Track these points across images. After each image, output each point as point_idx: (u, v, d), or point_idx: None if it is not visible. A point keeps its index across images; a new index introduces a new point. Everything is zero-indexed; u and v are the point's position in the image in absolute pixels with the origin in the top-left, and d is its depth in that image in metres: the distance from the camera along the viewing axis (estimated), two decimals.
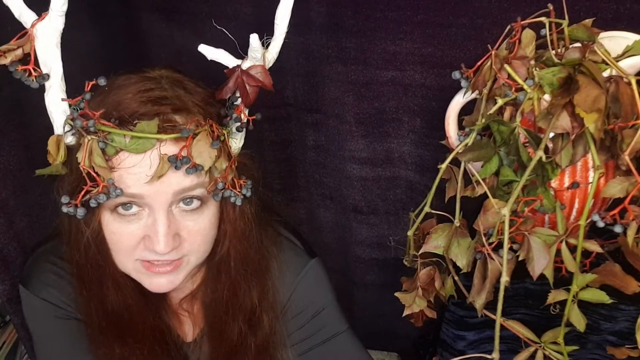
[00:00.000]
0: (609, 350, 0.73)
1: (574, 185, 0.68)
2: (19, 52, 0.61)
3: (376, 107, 0.94)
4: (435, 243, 0.70)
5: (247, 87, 0.67)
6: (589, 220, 0.63)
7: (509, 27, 0.67)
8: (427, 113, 0.90)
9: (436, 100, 0.88)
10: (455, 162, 0.70)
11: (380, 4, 0.84)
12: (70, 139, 0.65)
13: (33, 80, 0.62)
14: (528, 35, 0.65)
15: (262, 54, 0.67)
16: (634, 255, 0.61)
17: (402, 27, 0.84)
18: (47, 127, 0.81)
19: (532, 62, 0.65)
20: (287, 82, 0.98)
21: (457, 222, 0.69)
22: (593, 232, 0.67)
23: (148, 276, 0.70)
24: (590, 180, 0.67)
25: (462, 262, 0.68)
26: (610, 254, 0.69)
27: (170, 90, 0.68)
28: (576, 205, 0.70)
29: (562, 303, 0.64)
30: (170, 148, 0.64)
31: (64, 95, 0.64)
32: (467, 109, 0.72)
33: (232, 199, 0.69)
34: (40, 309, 0.79)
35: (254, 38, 0.65)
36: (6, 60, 0.61)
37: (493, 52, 0.65)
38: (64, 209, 0.65)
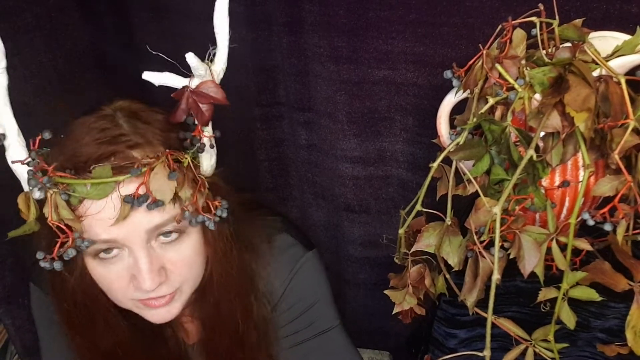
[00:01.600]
0: (599, 347, 0.73)
1: (565, 183, 0.68)
2: None
3: (368, 106, 0.94)
4: (427, 241, 0.70)
5: (201, 106, 0.64)
6: (579, 218, 0.63)
7: (500, 26, 0.67)
8: (419, 112, 0.91)
9: (428, 99, 0.89)
10: (447, 161, 0.70)
11: (372, 3, 0.84)
12: (37, 194, 0.63)
13: None
14: (519, 34, 0.66)
15: (205, 70, 0.63)
16: (623, 253, 0.61)
17: (394, 26, 0.84)
18: (39, 126, 0.81)
19: (523, 61, 0.65)
20: (279, 81, 0.98)
21: (448, 221, 0.70)
22: (583, 230, 0.67)
23: (148, 310, 0.70)
24: (581, 179, 0.67)
25: (454, 260, 0.69)
26: (600, 252, 0.69)
27: (127, 125, 0.66)
28: (566, 204, 0.70)
29: (553, 301, 0.65)
30: (132, 187, 0.62)
31: (24, 151, 0.62)
32: (459, 108, 0.73)
33: (207, 223, 0.67)
34: (49, 306, 0.78)
35: (189, 57, 0.61)
36: None
37: (484, 52, 0.66)
38: (41, 264, 0.63)
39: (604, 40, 0.67)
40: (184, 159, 0.66)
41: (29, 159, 0.62)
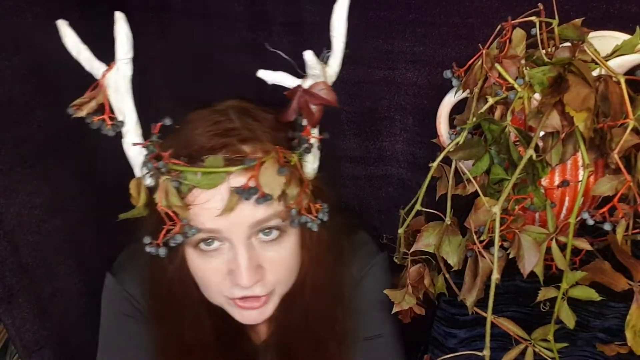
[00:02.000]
0: (598, 347, 0.73)
1: (564, 183, 0.68)
2: (93, 104, 0.63)
3: (368, 105, 0.94)
4: (427, 241, 0.70)
5: (311, 106, 0.65)
6: (578, 218, 0.63)
7: (499, 26, 0.67)
8: (418, 112, 0.91)
9: (428, 99, 0.88)
10: (447, 161, 0.70)
11: (372, 3, 0.84)
12: (149, 181, 0.66)
13: (109, 129, 0.63)
14: (518, 34, 0.66)
15: (320, 70, 0.64)
16: (623, 252, 0.61)
17: (394, 26, 0.84)
18: (39, 125, 0.81)
19: (523, 61, 0.65)
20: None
21: (448, 220, 0.70)
22: (582, 229, 0.67)
23: (239, 310, 0.71)
24: (580, 178, 0.67)
25: (453, 260, 0.69)
26: (600, 252, 0.69)
27: (238, 120, 0.68)
28: (566, 204, 0.70)
29: (552, 300, 0.65)
30: (241, 179, 0.64)
31: (140, 139, 0.65)
32: (459, 108, 0.73)
33: (309, 225, 0.68)
34: (119, 299, 0.80)
35: (308, 55, 0.62)
36: (82, 113, 0.63)
37: (484, 51, 0.66)
38: (147, 249, 0.65)
39: (604, 40, 0.67)
40: (291, 157, 0.67)
41: (149, 144, 0.65)
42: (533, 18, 0.66)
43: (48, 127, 0.82)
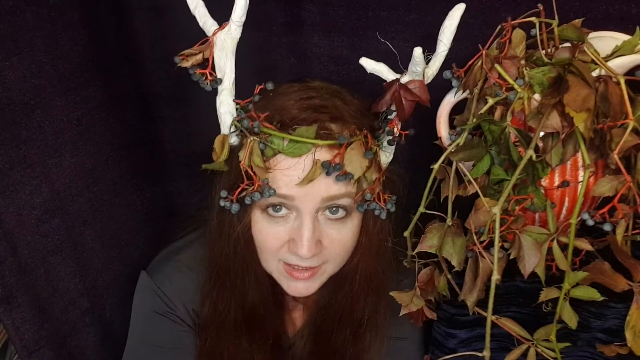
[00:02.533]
0: (598, 347, 0.73)
1: (564, 184, 0.68)
2: (199, 57, 0.68)
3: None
4: (430, 242, 0.70)
5: (404, 101, 0.68)
6: (578, 218, 0.63)
7: (499, 27, 0.67)
8: (419, 112, 0.91)
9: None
10: (448, 161, 0.70)
11: (372, 3, 0.84)
12: (234, 139, 0.71)
13: (207, 83, 0.68)
14: (518, 35, 0.66)
15: (422, 69, 0.67)
16: (622, 253, 0.61)
17: (394, 27, 0.84)
18: (39, 125, 0.80)
19: (523, 61, 0.65)
20: (278, 81, 0.98)
21: (449, 221, 0.70)
22: (582, 230, 0.67)
23: (287, 279, 0.74)
24: (580, 179, 0.67)
25: (456, 261, 0.69)
26: (600, 252, 0.69)
27: (329, 100, 0.71)
28: (566, 204, 0.70)
29: (553, 301, 0.65)
30: (324, 154, 0.67)
31: (232, 99, 0.69)
32: (458, 109, 0.73)
33: (377, 212, 0.70)
34: (153, 298, 0.83)
35: (417, 51, 0.65)
36: (187, 64, 0.67)
37: (484, 52, 0.66)
38: (221, 203, 0.70)
39: (603, 41, 0.67)
40: (374, 145, 0.70)
41: (250, 102, 0.69)
42: (533, 19, 0.66)
43: (48, 127, 0.82)
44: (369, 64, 0.69)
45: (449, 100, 0.74)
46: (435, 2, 0.80)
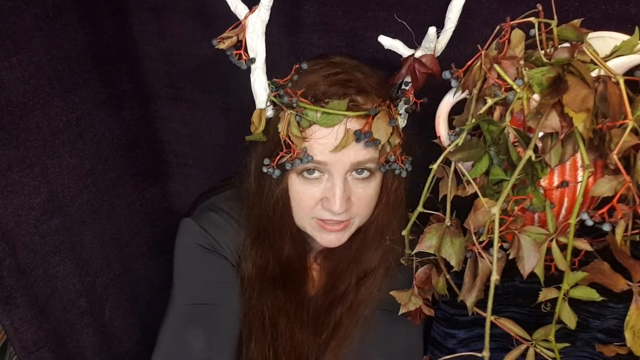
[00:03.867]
0: (597, 347, 0.73)
1: (563, 184, 0.68)
2: (234, 39, 0.75)
3: None
4: (429, 242, 0.70)
5: (417, 73, 0.76)
6: (578, 218, 0.63)
7: (498, 27, 0.67)
8: (417, 112, 0.91)
9: (427, 100, 0.88)
10: (446, 161, 0.70)
11: (371, 4, 0.84)
12: (269, 113, 0.79)
13: (243, 63, 0.75)
14: (517, 35, 0.66)
15: (434, 45, 0.74)
16: (622, 253, 0.61)
17: (393, 27, 0.84)
18: (38, 126, 0.80)
19: (522, 62, 0.65)
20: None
21: (447, 222, 0.70)
22: (581, 230, 0.67)
23: (320, 232, 0.83)
24: (580, 179, 0.67)
25: (454, 261, 0.69)
26: (599, 252, 0.69)
27: (352, 74, 0.78)
28: (565, 204, 0.70)
29: (552, 301, 0.65)
30: (353, 124, 0.76)
31: (265, 76, 0.77)
32: (458, 109, 0.73)
33: (397, 171, 0.81)
34: (198, 236, 0.90)
35: (432, 30, 0.73)
36: (224, 46, 0.74)
37: (483, 52, 0.66)
38: (264, 170, 0.78)
39: (603, 41, 0.67)
40: (396, 114, 0.79)
41: (289, 81, 0.78)
42: (532, 19, 0.66)
43: (47, 128, 0.82)
44: (387, 41, 0.76)
45: (448, 100, 0.74)
46: (434, 2, 0.80)
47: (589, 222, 0.63)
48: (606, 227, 0.61)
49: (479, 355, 0.65)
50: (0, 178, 0.78)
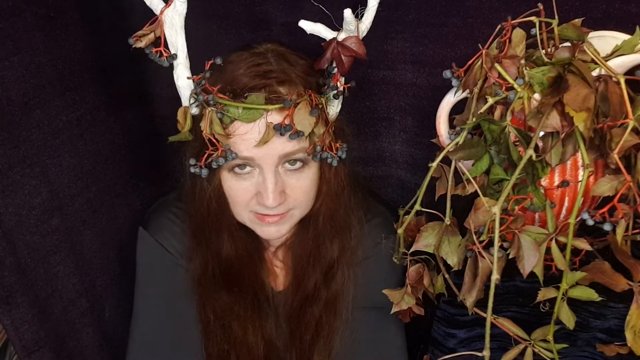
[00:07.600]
0: (598, 347, 0.73)
1: (564, 183, 0.68)
2: (152, 36, 0.72)
3: (367, 106, 0.94)
4: (426, 241, 0.70)
5: (343, 57, 0.74)
6: (578, 218, 0.63)
7: (499, 26, 0.67)
8: (418, 112, 0.90)
9: (427, 99, 0.88)
10: (446, 161, 0.70)
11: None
12: (194, 110, 0.76)
13: (164, 60, 0.73)
14: (518, 34, 0.66)
15: (355, 26, 0.72)
16: (622, 253, 0.61)
17: (394, 26, 0.84)
18: (38, 126, 0.80)
19: (522, 61, 0.65)
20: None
21: (447, 221, 0.70)
22: (582, 230, 0.67)
23: (260, 225, 0.81)
24: (580, 178, 0.67)
25: (453, 260, 0.69)
26: (600, 252, 0.69)
27: (276, 63, 0.77)
28: (566, 204, 0.70)
29: (552, 301, 0.65)
30: (275, 117, 0.73)
31: (189, 72, 0.75)
32: (458, 108, 0.73)
33: (329, 160, 0.78)
34: (152, 250, 0.90)
35: (347, 12, 0.71)
36: (142, 44, 0.72)
37: (484, 52, 0.66)
38: (192, 170, 0.77)
39: (603, 40, 0.67)
40: (320, 101, 0.76)
41: (202, 78, 0.74)
42: (533, 18, 0.66)
43: (47, 127, 0.82)
44: (308, 26, 0.74)
45: (449, 99, 0.74)
46: (436, 2, 0.80)
47: (590, 222, 0.63)
48: (607, 227, 0.61)
49: (480, 354, 0.65)
50: (1, 178, 0.77)
